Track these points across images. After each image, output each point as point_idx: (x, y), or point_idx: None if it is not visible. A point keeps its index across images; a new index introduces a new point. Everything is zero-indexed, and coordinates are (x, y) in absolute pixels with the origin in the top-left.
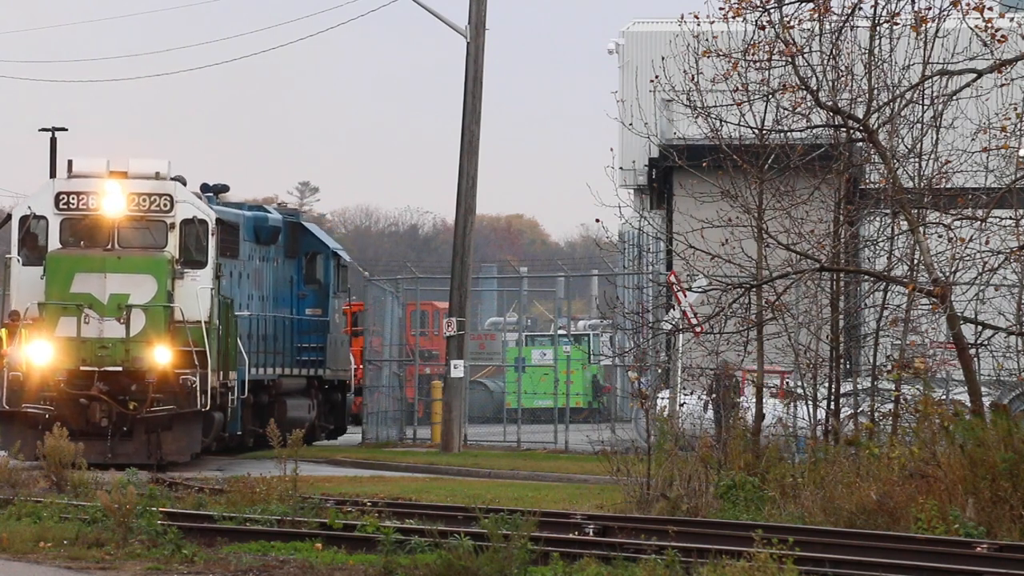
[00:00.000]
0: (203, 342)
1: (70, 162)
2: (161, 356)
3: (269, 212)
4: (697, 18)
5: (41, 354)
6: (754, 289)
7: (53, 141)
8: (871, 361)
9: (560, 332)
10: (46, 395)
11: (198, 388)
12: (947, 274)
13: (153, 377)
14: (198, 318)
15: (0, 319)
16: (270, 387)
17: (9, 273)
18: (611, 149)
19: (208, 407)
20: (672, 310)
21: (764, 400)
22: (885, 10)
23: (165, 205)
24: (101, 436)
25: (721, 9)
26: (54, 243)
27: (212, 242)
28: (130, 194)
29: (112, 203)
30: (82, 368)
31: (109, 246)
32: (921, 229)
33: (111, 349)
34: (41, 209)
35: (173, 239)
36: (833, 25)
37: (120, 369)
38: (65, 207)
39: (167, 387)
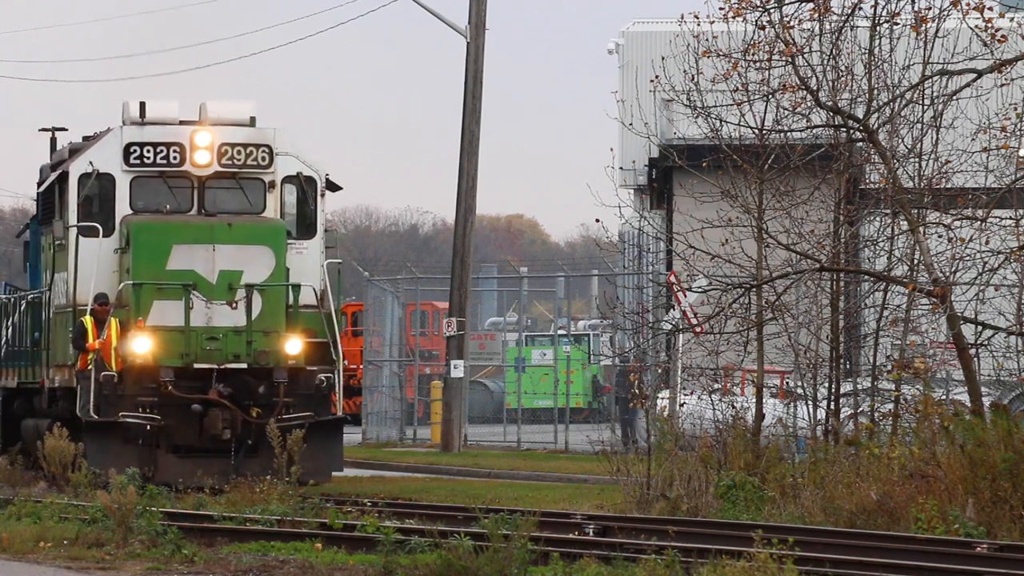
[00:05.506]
0: (332, 331)
1: (143, 105)
2: (292, 349)
3: None
4: (697, 18)
5: (140, 349)
6: (754, 289)
7: (53, 141)
8: (871, 361)
9: (560, 332)
10: (148, 400)
11: (335, 390)
12: (947, 274)
13: (283, 376)
14: (314, 301)
15: (74, 302)
16: None
17: (69, 245)
18: (611, 149)
19: (342, 413)
20: (672, 310)
21: (764, 400)
22: (885, 10)
23: (263, 158)
24: (221, 452)
25: (721, 9)
26: (123, 208)
27: (321, 205)
28: (221, 145)
29: (200, 156)
30: (195, 366)
31: (194, 211)
32: (921, 229)
33: (222, 341)
34: (106, 165)
35: (272, 201)
36: (833, 25)
37: (244, 367)
38: (138, 161)
39: (297, 389)
